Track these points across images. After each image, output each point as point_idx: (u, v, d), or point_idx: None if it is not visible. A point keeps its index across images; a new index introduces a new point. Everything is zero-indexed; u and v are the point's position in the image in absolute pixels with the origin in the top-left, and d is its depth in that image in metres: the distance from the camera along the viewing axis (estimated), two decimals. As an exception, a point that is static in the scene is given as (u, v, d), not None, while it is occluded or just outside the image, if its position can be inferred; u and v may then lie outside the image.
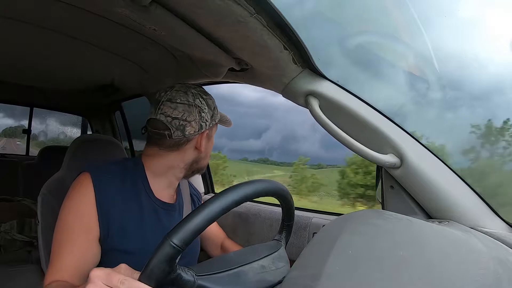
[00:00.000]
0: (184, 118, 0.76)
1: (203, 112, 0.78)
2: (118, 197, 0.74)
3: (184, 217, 0.88)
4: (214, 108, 0.83)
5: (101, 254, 0.73)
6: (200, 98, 0.78)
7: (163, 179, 0.81)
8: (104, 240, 0.72)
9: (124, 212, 0.74)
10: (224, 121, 0.91)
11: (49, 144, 3.11)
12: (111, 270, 0.46)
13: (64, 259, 0.68)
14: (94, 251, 0.71)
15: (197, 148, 0.80)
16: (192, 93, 0.78)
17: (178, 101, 0.76)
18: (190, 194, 0.97)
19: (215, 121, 0.83)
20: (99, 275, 0.45)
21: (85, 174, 0.74)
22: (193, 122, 0.77)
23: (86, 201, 0.71)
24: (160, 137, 0.77)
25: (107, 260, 0.73)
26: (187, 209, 0.90)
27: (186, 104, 0.76)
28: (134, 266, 0.64)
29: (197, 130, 0.77)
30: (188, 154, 0.80)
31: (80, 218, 0.70)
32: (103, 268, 0.46)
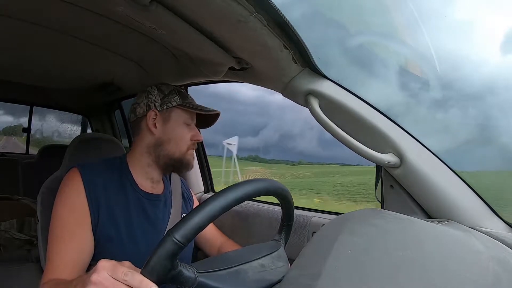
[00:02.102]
0: (135, 102, 0.88)
1: (150, 94, 0.86)
2: (106, 187, 0.79)
3: (171, 211, 0.91)
4: (169, 93, 0.87)
5: (95, 245, 0.77)
6: (152, 86, 0.88)
7: (141, 170, 0.87)
8: (95, 229, 0.76)
9: (112, 201, 0.79)
10: (192, 106, 0.88)
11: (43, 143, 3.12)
12: (117, 263, 0.48)
13: (62, 255, 0.71)
14: (89, 242, 0.75)
15: (150, 130, 0.85)
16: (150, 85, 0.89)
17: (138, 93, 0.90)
18: (182, 191, 1.00)
19: (171, 104, 0.86)
20: (105, 265, 0.46)
21: (73, 169, 0.80)
22: (141, 103, 0.86)
23: (77, 193, 0.76)
24: (131, 126, 0.90)
25: (99, 250, 0.77)
26: (176, 203, 0.94)
27: (140, 92, 0.89)
28: (122, 252, 0.73)
29: (145, 109, 0.85)
30: (146, 138, 0.86)
31: (74, 211, 0.74)
32: (110, 260, 0.48)
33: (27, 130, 2.75)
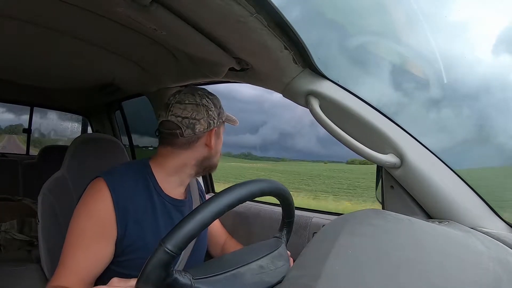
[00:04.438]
0: (194, 116, 0.80)
1: (210, 110, 0.83)
2: (133, 196, 0.77)
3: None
4: (220, 107, 0.87)
5: (117, 253, 0.75)
6: (206, 98, 0.83)
7: (175, 178, 0.85)
8: (121, 240, 0.74)
9: (139, 209, 0.77)
10: (230, 120, 0.94)
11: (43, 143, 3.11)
12: (105, 286, 0.48)
13: (77, 262, 0.70)
14: (108, 253, 0.74)
15: (207, 145, 0.84)
16: (198, 94, 0.83)
17: (187, 102, 0.81)
18: (199, 191, 1.00)
19: (222, 120, 0.87)
20: None
21: (99, 179, 0.76)
22: (201, 120, 0.81)
23: (104, 205, 0.73)
24: (173, 136, 0.82)
25: (124, 257, 0.76)
26: (196, 205, 0.93)
27: (194, 104, 0.81)
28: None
29: (206, 127, 0.82)
30: (199, 152, 0.84)
31: (98, 223, 0.72)
32: (100, 286, 0.49)
33: (28, 131, 2.74)
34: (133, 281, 0.47)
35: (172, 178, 0.84)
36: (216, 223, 1.06)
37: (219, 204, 0.49)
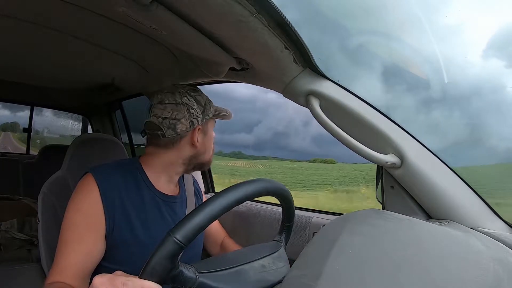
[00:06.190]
0: (174, 117, 0.80)
1: (191, 109, 0.82)
2: (121, 190, 0.78)
3: (187, 211, 0.90)
4: (205, 103, 0.86)
5: (109, 248, 0.76)
6: (187, 96, 0.82)
7: (163, 175, 0.85)
8: (110, 233, 0.75)
9: (127, 203, 0.78)
10: (221, 114, 0.92)
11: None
12: (112, 275, 0.48)
13: (70, 257, 0.71)
14: (99, 247, 0.74)
15: (193, 144, 0.84)
16: (179, 92, 0.82)
17: (167, 101, 0.81)
18: (195, 189, 1.00)
19: (208, 116, 0.86)
20: (102, 281, 0.46)
21: (87, 174, 0.78)
22: (183, 120, 0.81)
23: (92, 199, 0.74)
24: (155, 137, 0.82)
25: (115, 252, 0.76)
26: (190, 203, 0.93)
27: (173, 103, 0.81)
28: (139, 255, 0.70)
29: (188, 126, 0.81)
30: (185, 151, 0.84)
31: (87, 216, 0.74)
32: (105, 274, 0.48)
33: (28, 130, 2.74)
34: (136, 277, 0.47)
35: (161, 175, 0.85)
36: (215, 222, 1.07)
37: (228, 199, 0.50)
